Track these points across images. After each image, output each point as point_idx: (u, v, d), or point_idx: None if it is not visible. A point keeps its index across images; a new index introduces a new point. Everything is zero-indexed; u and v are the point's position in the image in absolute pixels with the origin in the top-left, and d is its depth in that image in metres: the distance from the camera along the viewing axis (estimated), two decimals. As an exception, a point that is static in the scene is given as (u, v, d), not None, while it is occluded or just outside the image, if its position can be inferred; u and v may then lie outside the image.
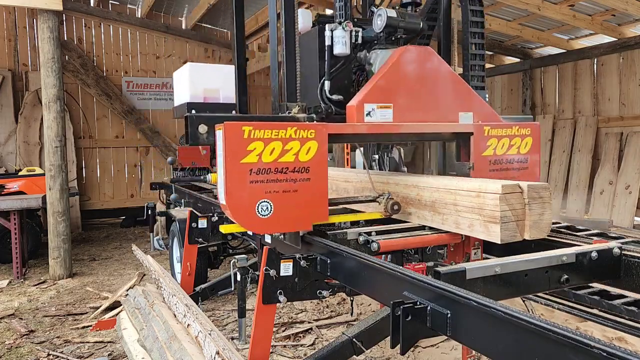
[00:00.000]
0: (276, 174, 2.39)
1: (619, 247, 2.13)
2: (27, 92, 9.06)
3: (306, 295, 2.45)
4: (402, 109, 2.77)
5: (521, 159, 3.04)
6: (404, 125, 2.76)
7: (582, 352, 1.15)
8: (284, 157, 2.39)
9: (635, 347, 3.06)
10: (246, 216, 2.35)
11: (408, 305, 1.61)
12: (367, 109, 2.69)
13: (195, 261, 4.46)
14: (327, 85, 2.81)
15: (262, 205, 2.36)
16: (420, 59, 2.85)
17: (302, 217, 2.46)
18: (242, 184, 2.32)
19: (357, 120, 2.65)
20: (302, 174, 2.45)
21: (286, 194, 2.41)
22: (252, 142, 2.33)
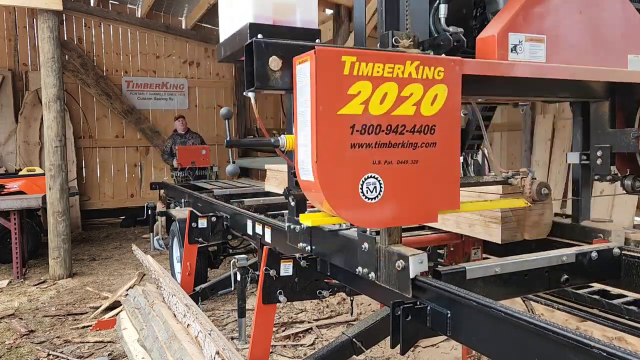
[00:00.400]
0: (389, 134, 1.56)
1: (619, 247, 2.13)
2: (27, 92, 9.06)
3: (306, 295, 2.45)
4: (556, 46, 1.94)
5: None
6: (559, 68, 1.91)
7: (582, 352, 1.15)
8: (400, 109, 1.57)
9: (635, 347, 3.06)
10: (345, 198, 1.55)
11: (408, 305, 1.61)
12: (513, 40, 1.86)
13: (195, 261, 4.46)
14: (444, 9, 1.91)
15: (369, 183, 1.56)
16: None
17: (425, 202, 1.67)
18: (340, 148, 1.52)
19: (499, 57, 1.82)
20: (426, 135, 1.62)
21: (402, 165, 1.60)
22: (356, 81, 1.51)
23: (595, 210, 8.28)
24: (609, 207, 7.51)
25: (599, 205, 7.64)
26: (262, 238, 3.12)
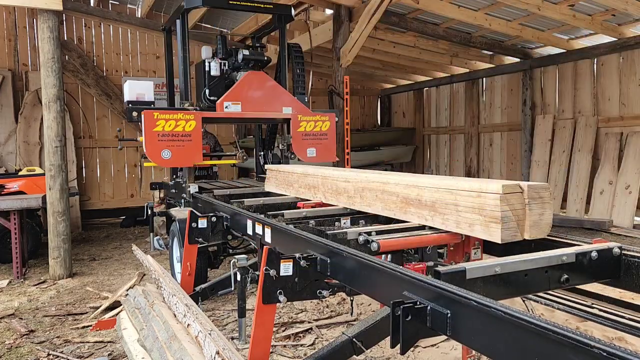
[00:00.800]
0: (172, 137, 4.87)
1: (619, 247, 2.13)
2: (27, 92, 9.06)
3: (306, 295, 2.45)
4: (247, 105, 5.34)
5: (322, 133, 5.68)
6: (247, 113, 5.35)
7: (582, 352, 1.15)
8: (176, 128, 4.88)
9: (635, 347, 3.06)
10: (156, 158, 4.84)
11: (408, 305, 1.61)
12: (226, 104, 5.26)
13: (195, 261, 4.45)
14: (207, 91, 5.52)
15: (165, 152, 4.86)
16: (256, 78, 5.47)
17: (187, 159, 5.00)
18: (154, 141, 4.82)
19: (220, 110, 5.26)
20: (187, 137, 4.95)
21: (179, 147, 4.90)
22: (158, 120, 4.82)
23: (596, 210, 8.29)
24: (609, 207, 7.50)
25: (599, 206, 7.63)
26: (262, 238, 3.12)
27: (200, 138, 4.96)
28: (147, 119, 4.75)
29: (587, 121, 8.22)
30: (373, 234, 2.43)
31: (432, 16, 7.94)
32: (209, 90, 5.48)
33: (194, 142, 4.93)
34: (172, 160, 4.83)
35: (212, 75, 5.51)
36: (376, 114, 13.37)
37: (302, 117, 5.56)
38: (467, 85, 10.71)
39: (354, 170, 3.90)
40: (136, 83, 5.16)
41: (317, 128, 5.64)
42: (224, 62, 5.57)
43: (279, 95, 5.53)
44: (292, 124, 5.53)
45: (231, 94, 5.26)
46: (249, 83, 5.36)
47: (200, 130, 4.94)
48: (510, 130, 9.87)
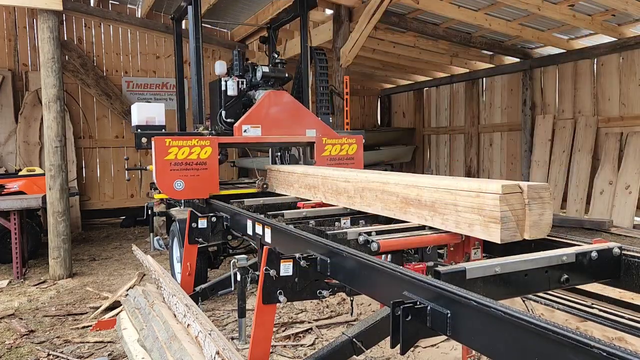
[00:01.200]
0: (186, 165, 4.31)
1: (619, 247, 2.13)
2: (27, 92, 9.06)
3: (306, 295, 2.45)
4: (267, 128, 4.80)
5: (348, 157, 5.11)
6: (268, 137, 4.82)
7: (582, 352, 1.15)
8: (190, 156, 4.33)
9: (635, 347, 3.06)
10: (168, 189, 4.30)
11: (408, 305, 1.61)
12: (244, 128, 4.72)
13: (195, 261, 4.45)
14: (223, 113, 4.95)
15: (177, 183, 4.29)
16: (278, 98, 4.90)
17: (203, 190, 4.43)
18: (166, 171, 4.25)
19: (238, 134, 4.70)
20: (202, 165, 4.37)
21: (192, 177, 4.34)
22: (170, 147, 4.27)
23: (596, 210, 8.28)
24: (609, 207, 7.50)
25: (599, 206, 7.63)
26: (262, 238, 3.12)
27: (216, 166, 4.41)
28: (158, 146, 4.20)
29: (587, 121, 8.22)
30: (373, 234, 2.43)
31: (432, 16, 7.94)
32: (225, 112, 4.92)
33: (209, 170, 4.35)
34: (186, 192, 4.28)
35: (228, 95, 4.92)
36: (376, 114, 13.37)
37: (328, 140, 4.98)
38: (467, 85, 10.70)
39: (353, 170, 3.90)
40: (146, 106, 4.65)
41: (344, 152, 5.05)
42: (242, 81, 4.98)
43: (302, 116, 4.99)
44: (316, 148, 4.96)
45: (250, 116, 4.72)
46: (270, 103, 4.83)
47: (217, 158, 4.42)
48: (510, 130, 9.87)
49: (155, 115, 4.60)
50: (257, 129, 4.72)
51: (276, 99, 4.88)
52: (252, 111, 4.76)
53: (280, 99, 4.91)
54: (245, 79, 5.03)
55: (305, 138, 4.98)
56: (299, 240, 2.58)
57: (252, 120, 4.69)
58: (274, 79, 4.98)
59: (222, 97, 4.93)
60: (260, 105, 4.79)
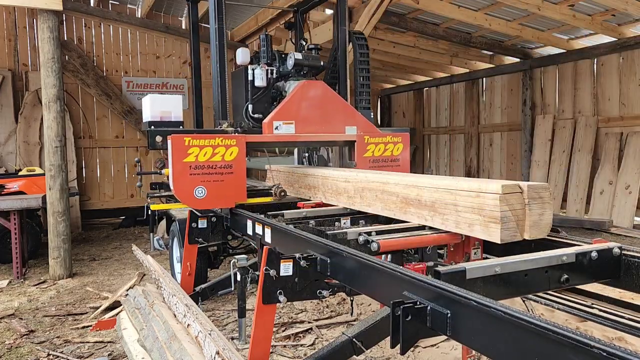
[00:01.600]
0: (208, 169, 3.56)
1: (619, 247, 2.13)
2: (27, 92, 9.06)
3: (306, 295, 2.45)
4: (301, 124, 4.02)
5: (394, 158, 4.34)
6: (302, 135, 4.04)
7: (582, 352, 1.15)
8: (213, 158, 3.56)
9: (635, 347, 3.06)
10: (187, 197, 3.53)
11: (408, 305, 1.61)
12: (275, 124, 3.95)
13: (195, 261, 4.46)
14: (250, 107, 4.22)
15: (199, 190, 3.54)
16: (314, 89, 4.13)
17: (227, 198, 3.66)
18: (184, 176, 3.50)
19: (268, 132, 3.92)
20: (227, 169, 3.61)
21: (216, 182, 3.57)
22: (190, 147, 3.50)
23: (596, 210, 8.30)
24: (609, 207, 7.50)
25: (599, 206, 7.63)
26: (262, 238, 3.12)
27: (244, 169, 3.66)
28: (176, 146, 3.45)
29: (587, 121, 8.21)
30: (373, 234, 2.43)
31: (432, 16, 7.94)
32: (252, 106, 4.20)
33: (236, 174, 3.60)
34: (208, 200, 3.54)
35: (256, 87, 4.20)
36: (376, 114, 13.37)
37: (370, 139, 4.22)
38: (467, 85, 10.71)
39: (353, 170, 3.90)
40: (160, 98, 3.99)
41: (388, 152, 4.29)
42: (271, 69, 4.25)
43: (342, 111, 4.21)
44: (357, 148, 4.20)
45: (282, 110, 3.97)
46: (304, 96, 4.07)
47: (244, 160, 3.67)
48: (510, 130, 9.87)
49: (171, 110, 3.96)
50: (290, 125, 3.96)
51: (312, 90, 4.11)
52: (284, 105, 3.99)
53: (317, 91, 4.14)
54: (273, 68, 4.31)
55: (345, 136, 4.20)
56: (299, 240, 2.58)
57: (285, 116, 3.95)
58: (307, 67, 4.24)
59: (249, 88, 4.22)
60: (293, 98, 4.03)
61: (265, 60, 4.32)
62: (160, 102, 3.95)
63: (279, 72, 4.31)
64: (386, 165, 4.28)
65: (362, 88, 4.81)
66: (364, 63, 4.83)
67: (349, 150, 4.34)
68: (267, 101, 4.30)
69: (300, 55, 4.21)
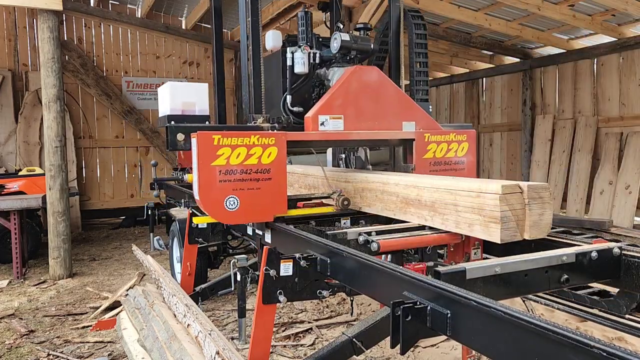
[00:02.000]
0: (242, 174, 2.86)
1: (619, 247, 2.13)
2: (27, 92, 9.06)
3: (306, 295, 2.45)
4: (352, 119, 3.30)
5: (458, 160, 3.56)
6: (352, 133, 3.30)
7: (582, 352, 1.15)
8: (248, 161, 2.87)
9: (635, 347, 3.06)
10: (216, 209, 2.83)
11: (408, 305, 1.61)
12: (321, 119, 3.23)
13: (195, 261, 4.46)
14: (289, 99, 3.42)
15: (230, 201, 2.84)
16: (367, 77, 3.40)
17: (265, 210, 2.93)
18: (213, 183, 2.80)
19: (312, 129, 3.19)
20: (264, 174, 2.92)
21: (250, 191, 2.89)
22: (220, 148, 2.81)
23: (596, 210, 8.28)
24: (609, 207, 7.50)
25: (599, 206, 7.63)
26: (262, 238, 3.12)
27: (284, 175, 2.98)
28: (203, 147, 2.77)
29: (587, 121, 8.21)
30: (373, 234, 2.43)
31: (432, 16, 7.94)
32: (291, 98, 3.43)
33: (274, 181, 2.93)
34: (241, 213, 2.85)
35: (296, 74, 3.44)
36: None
37: (431, 137, 3.48)
38: (467, 85, 10.71)
39: (353, 170, 3.89)
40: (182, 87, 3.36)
41: (451, 153, 3.53)
42: (314, 53, 3.48)
43: (399, 102, 3.48)
44: (416, 148, 3.43)
45: (329, 102, 3.25)
46: (355, 84, 3.32)
47: (285, 163, 2.98)
48: (510, 130, 9.87)
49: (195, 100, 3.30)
50: (339, 120, 3.25)
51: (364, 78, 3.37)
52: (331, 95, 3.27)
53: (371, 79, 3.40)
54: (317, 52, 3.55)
55: (403, 134, 3.47)
56: (299, 240, 2.58)
57: (332, 109, 3.24)
58: (355, 51, 3.47)
59: (288, 75, 3.44)
60: (342, 88, 3.29)
61: (305, 43, 3.55)
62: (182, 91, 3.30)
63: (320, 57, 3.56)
64: (449, 169, 3.51)
65: (419, 76, 4.08)
66: (421, 46, 4.09)
67: (404, 151, 3.59)
68: (307, 91, 3.59)
69: (348, 36, 3.42)
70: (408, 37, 4.17)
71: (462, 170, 3.55)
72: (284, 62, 3.49)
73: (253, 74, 3.37)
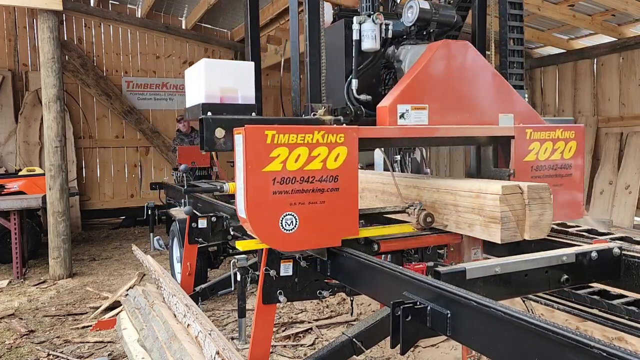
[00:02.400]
0: (302, 183, 2.10)
1: (618, 247, 2.13)
2: (27, 92, 9.07)
3: (306, 295, 2.45)
4: (437, 111, 2.51)
5: (565, 164, 2.73)
6: (439, 129, 2.49)
7: (582, 352, 1.15)
8: (310, 165, 2.11)
9: (635, 347, 3.06)
10: (269, 231, 2.06)
11: (408, 305, 1.61)
12: (401, 110, 2.42)
13: (195, 261, 4.46)
14: (355, 84, 2.59)
15: (287, 219, 2.08)
16: (458, 55, 2.60)
17: (330, 231, 2.17)
18: (264, 195, 2.04)
19: (390, 123, 2.39)
20: (330, 183, 2.16)
21: (313, 205, 2.13)
22: (275, 148, 2.04)
23: (596, 210, 8.28)
24: (609, 207, 7.50)
25: (599, 206, 7.64)
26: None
27: (355, 183, 2.24)
28: (252, 146, 2.04)
29: (587, 121, 8.22)
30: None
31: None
32: (357, 82, 2.62)
33: (343, 192, 2.19)
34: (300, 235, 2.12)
35: (364, 51, 2.63)
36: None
37: (534, 134, 2.65)
38: (467, 85, 10.71)
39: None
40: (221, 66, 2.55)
41: (557, 155, 2.71)
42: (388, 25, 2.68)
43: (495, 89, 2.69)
44: (515, 147, 2.61)
45: (411, 88, 2.47)
46: (442, 65, 2.55)
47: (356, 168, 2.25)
48: (510, 130, 9.88)
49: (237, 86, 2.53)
50: (423, 112, 2.49)
51: (455, 57, 2.60)
52: (414, 79, 2.48)
53: (463, 58, 2.63)
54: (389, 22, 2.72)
55: (499, 129, 2.64)
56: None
57: (414, 97, 2.46)
58: (436, 24, 2.73)
59: (352, 54, 2.62)
60: (427, 69, 2.52)
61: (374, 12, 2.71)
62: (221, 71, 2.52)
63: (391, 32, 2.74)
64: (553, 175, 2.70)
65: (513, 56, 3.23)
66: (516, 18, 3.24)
67: (495, 151, 2.79)
68: (375, 75, 2.79)
69: (427, 4, 2.66)
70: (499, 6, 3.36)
71: (568, 177, 2.74)
72: (346, 37, 2.68)
73: (309, 50, 2.50)
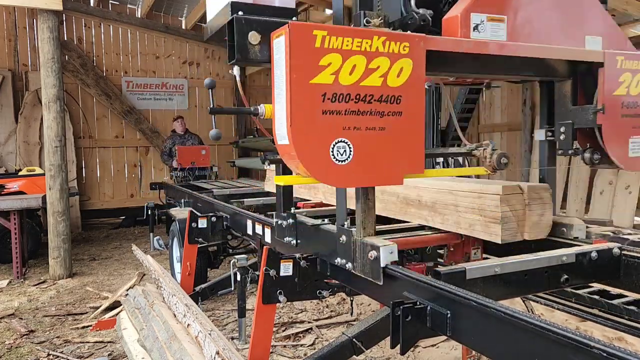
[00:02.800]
0: (357, 102, 1.69)
1: (618, 247, 2.13)
2: (27, 92, 9.07)
3: (306, 295, 2.45)
4: (514, 27, 2.05)
5: None
6: (521, 46, 2.02)
7: (582, 352, 1.15)
8: (368, 80, 1.69)
9: (635, 347, 3.06)
10: (317, 161, 1.66)
11: (408, 305, 1.61)
12: (475, 20, 1.97)
13: (195, 261, 4.46)
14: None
15: (339, 147, 1.67)
16: None
17: (391, 166, 1.77)
18: (312, 114, 1.63)
19: (462, 34, 1.94)
20: (392, 105, 1.74)
21: (370, 132, 1.72)
22: (326, 54, 1.63)
23: (596, 210, 8.26)
24: (609, 207, 7.50)
25: (599, 206, 7.64)
26: (262, 238, 3.12)
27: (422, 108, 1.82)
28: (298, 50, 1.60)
29: (587, 121, 8.22)
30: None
31: (432, 16, 7.93)
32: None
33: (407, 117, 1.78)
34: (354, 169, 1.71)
35: None
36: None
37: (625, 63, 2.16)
38: (467, 85, 10.70)
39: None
40: None
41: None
42: None
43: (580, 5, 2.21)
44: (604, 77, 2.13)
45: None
46: None
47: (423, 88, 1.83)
48: (510, 130, 9.87)
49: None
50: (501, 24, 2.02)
51: None
52: None
53: None
54: None
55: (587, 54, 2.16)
56: None
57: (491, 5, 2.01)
58: None
59: None
60: None
61: None
62: None
63: None
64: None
65: None
66: None
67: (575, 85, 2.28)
68: None
69: None
70: None
71: None
72: None
73: None
